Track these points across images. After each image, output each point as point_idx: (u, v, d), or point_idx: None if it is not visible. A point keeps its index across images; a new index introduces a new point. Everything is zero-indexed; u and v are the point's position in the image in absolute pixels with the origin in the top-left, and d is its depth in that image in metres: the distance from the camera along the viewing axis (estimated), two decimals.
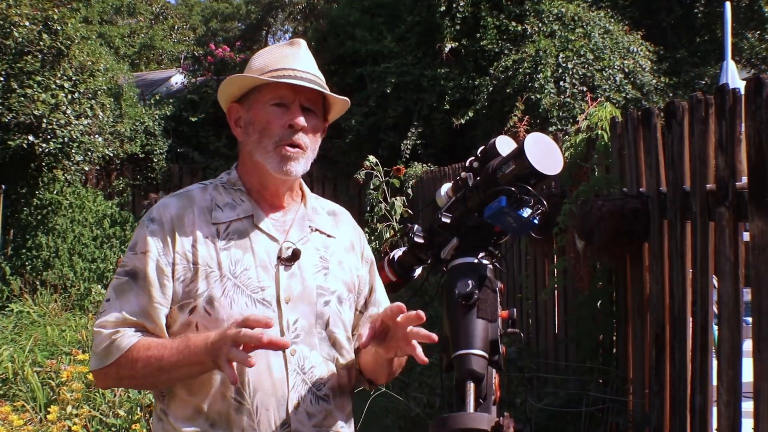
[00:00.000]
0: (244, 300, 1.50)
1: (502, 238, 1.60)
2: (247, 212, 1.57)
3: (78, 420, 3.65)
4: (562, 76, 10.11)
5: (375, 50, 11.61)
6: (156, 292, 1.50)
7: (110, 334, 1.48)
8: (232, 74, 1.63)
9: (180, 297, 1.51)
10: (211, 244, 1.53)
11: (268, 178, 1.59)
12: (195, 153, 12.18)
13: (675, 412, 2.74)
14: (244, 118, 1.59)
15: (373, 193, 8.39)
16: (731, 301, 2.29)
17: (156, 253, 1.51)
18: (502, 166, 1.55)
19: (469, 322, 1.42)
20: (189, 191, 1.61)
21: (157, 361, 1.45)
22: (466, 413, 1.33)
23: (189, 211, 1.55)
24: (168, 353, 1.45)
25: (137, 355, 1.46)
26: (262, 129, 1.55)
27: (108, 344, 1.48)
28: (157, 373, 1.46)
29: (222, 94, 1.63)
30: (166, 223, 1.53)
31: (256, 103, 1.57)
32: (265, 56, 1.61)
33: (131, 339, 1.49)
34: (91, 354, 1.53)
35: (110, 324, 1.49)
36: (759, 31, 13.66)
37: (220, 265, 1.51)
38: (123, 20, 22.67)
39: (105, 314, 1.51)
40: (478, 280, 1.47)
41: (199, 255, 1.51)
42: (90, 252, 9.28)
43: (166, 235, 1.52)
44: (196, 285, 1.50)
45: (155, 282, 1.50)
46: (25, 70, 7.80)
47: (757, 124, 2.05)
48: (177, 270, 1.51)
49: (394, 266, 1.80)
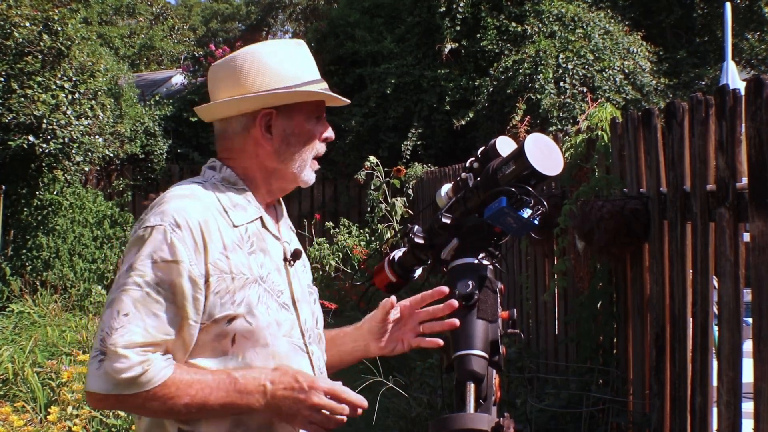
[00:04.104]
0: (274, 305, 1.49)
1: (502, 239, 1.60)
2: (257, 213, 1.53)
3: (78, 420, 3.65)
4: (562, 77, 10.11)
5: (375, 51, 11.61)
6: (190, 307, 1.38)
7: (141, 362, 1.33)
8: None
9: (216, 309, 1.41)
10: (239, 250, 1.45)
11: (288, 185, 1.58)
12: (195, 153, 12.17)
13: (675, 413, 2.74)
14: (283, 127, 1.52)
15: (373, 194, 8.40)
16: (731, 302, 2.29)
17: (188, 264, 1.38)
18: (502, 167, 1.55)
19: (469, 323, 1.42)
20: (194, 192, 1.48)
21: (201, 403, 1.37)
22: (466, 414, 1.33)
23: (210, 214, 1.44)
24: (214, 394, 1.38)
25: (176, 393, 1.36)
26: (306, 141, 1.55)
27: (137, 374, 1.33)
28: (197, 413, 1.39)
29: (267, 99, 1.51)
30: (194, 230, 1.40)
31: (299, 115, 1.54)
32: (290, 61, 1.54)
33: (165, 371, 1.36)
34: (99, 373, 1.34)
35: (136, 345, 1.34)
36: (759, 32, 13.67)
37: (251, 271, 1.46)
38: (123, 21, 22.66)
39: (126, 332, 1.34)
40: (478, 280, 1.47)
41: (232, 263, 1.43)
42: (90, 252, 9.28)
43: (197, 243, 1.39)
44: (233, 295, 1.42)
45: (189, 296, 1.38)
46: (25, 70, 7.80)
47: (757, 124, 2.05)
48: (212, 282, 1.40)
49: (395, 267, 1.80)
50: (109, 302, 1.37)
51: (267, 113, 1.52)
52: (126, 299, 1.36)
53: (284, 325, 1.50)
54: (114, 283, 1.41)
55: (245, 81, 1.51)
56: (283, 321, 1.50)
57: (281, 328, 1.49)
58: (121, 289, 1.37)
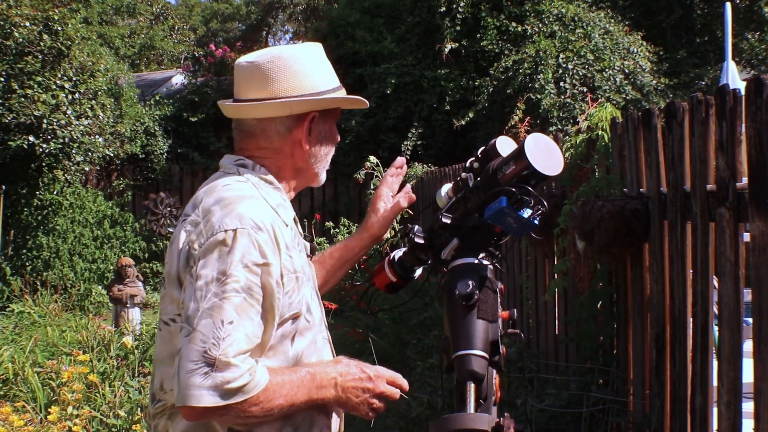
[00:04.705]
0: (317, 300, 1.58)
1: (502, 239, 1.60)
2: (293, 212, 1.60)
3: (78, 420, 3.65)
4: (562, 77, 10.11)
5: (375, 51, 11.61)
6: (276, 308, 1.40)
7: (249, 370, 1.33)
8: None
9: (286, 309, 1.44)
10: (295, 249, 1.51)
11: (305, 184, 1.65)
12: (195, 153, 12.17)
13: (675, 413, 2.74)
14: (320, 129, 1.58)
15: (373, 194, 8.40)
16: (732, 302, 2.29)
17: (275, 266, 1.40)
18: (502, 167, 1.55)
19: (469, 323, 1.42)
20: (251, 193, 1.48)
21: (291, 403, 1.41)
22: (466, 414, 1.33)
23: (274, 215, 1.47)
24: (300, 393, 1.42)
25: (273, 395, 1.37)
26: (332, 144, 1.63)
27: (246, 382, 1.33)
28: (286, 411, 1.41)
29: (318, 103, 1.56)
30: (269, 231, 1.41)
31: (332, 118, 1.62)
32: (318, 67, 1.60)
33: (265, 374, 1.37)
34: (208, 385, 1.30)
35: (243, 353, 1.33)
36: (759, 32, 13.67)
37: (304, 269, 1.52)
38: (123, 21, 22.66)
39: (234, 341, 1.32)
40: (478, 280, 1.47)
41: (295, 262, 1.47)
42: (90, 252, 9.29)
43: (275, 244, 1.42)
44: (298, 294, 1.47)
45: (276, 297, 1.40)
46: (25, 70, 7.81)
47: (757, 124, 2.05)
48: (284, 282, 1.43)
49: (395, 267, 1.81)
50: (206, 311, 1.33)
51: (313, 115, 1.57)
52: (228, 307, 1.33)
53: (322, 319, 1.60)
54: (196, 290, 1.35)
55: (294, 82, 1.54)
56: (321, 315, 1.60)
57: (321, 323, 1.59)
58: (220, 297, 1.34)
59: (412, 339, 5.45)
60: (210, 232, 1.39)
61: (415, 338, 5.44)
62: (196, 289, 1.35)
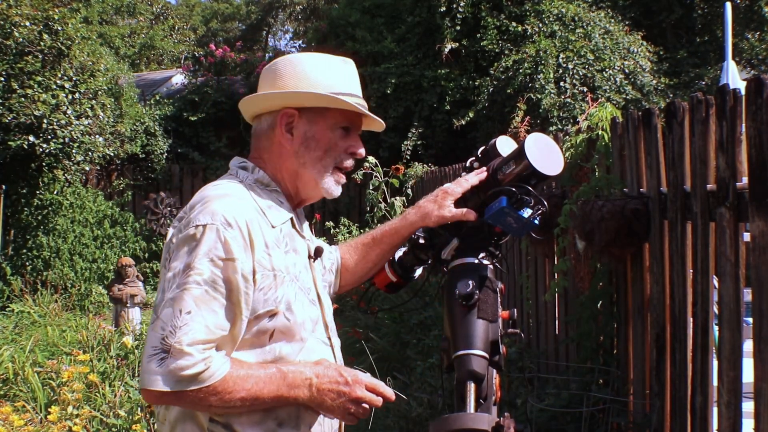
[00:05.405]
0: (306, 302, 1.55)
1: (502, 239, 1.60)
2: (289, 214, 1.58)
3: (79, 420, 3.65)
4: (562, 77, 10.11)
5: (375, 51, 11.61)
6: (243, 303, 1.42)
7: (204, 359, 1.37)
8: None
9: (260, 305, 1.45)
10: (278, 249, 1.51)
11: (311, 191, 1.62)
12: (195, 153, 12.18)
13: (675, 413, 2.74)
14: (303, 130, 1.57)
15: (372, 194, 8.40)
16: (732, 302, 2.29)
17: (241, 261, 1.42)
18: (502, 167, 1.55)
19: (469, 323, 1.42)
20: (236, 191, 1.52)
21: (255, 397, 1.42)
22: (466, 413, 1.33)
23: (254, 214, 1.49)
24: (266, 388, 1.43)
25: (234, 387, 1.40)
26: (327, 149, 1.58)
27: (200, 371, 1.36)
28: (249, 406, 1.43)
29: (286, 98, 1.56)
30: (243, 228, 1.44)
31: (322, 121, 1.57)
32: (328, 72, 1.58)
33: (224, 366, 1.40)
34: (162, 371, 1.36)
35: (199, 342, 1.37)
36: (759, 32, 13.67)
37: (288, 269, 1.51)
38: (123, 20, 22.67)
39: (190, 330, 1.37)
40: (478, 280, 1.47)
41: (273, 261, 1.48)
42: (90, 252, 9.29)
43: (246, 241, 1.44)
44: (275, 292, 1.47)
45: (242, 292, 1.42)
46: (25, 70, 7.81)
47: (757, 124, 2.05)
48: (258, 278, 1.44)
49: (395, 266, 1.81)
50: (168, 301, 1.38)
51: (289, 113, 1.56)
52: (187, 298, 1.38)
53: (314, 321, 1.57)
54: (166, 282, 1.41)
55: (279, 82, 1.57)
56: (314, 317, 1.57)
57: (311, 324, 1.56)
58: (182, 288, 1.39)
59: (412, 339, 5.45)
60: (185, 227, 1.44)
61: (415, 338, 5.44)
62: (166, 280, 1.42)
